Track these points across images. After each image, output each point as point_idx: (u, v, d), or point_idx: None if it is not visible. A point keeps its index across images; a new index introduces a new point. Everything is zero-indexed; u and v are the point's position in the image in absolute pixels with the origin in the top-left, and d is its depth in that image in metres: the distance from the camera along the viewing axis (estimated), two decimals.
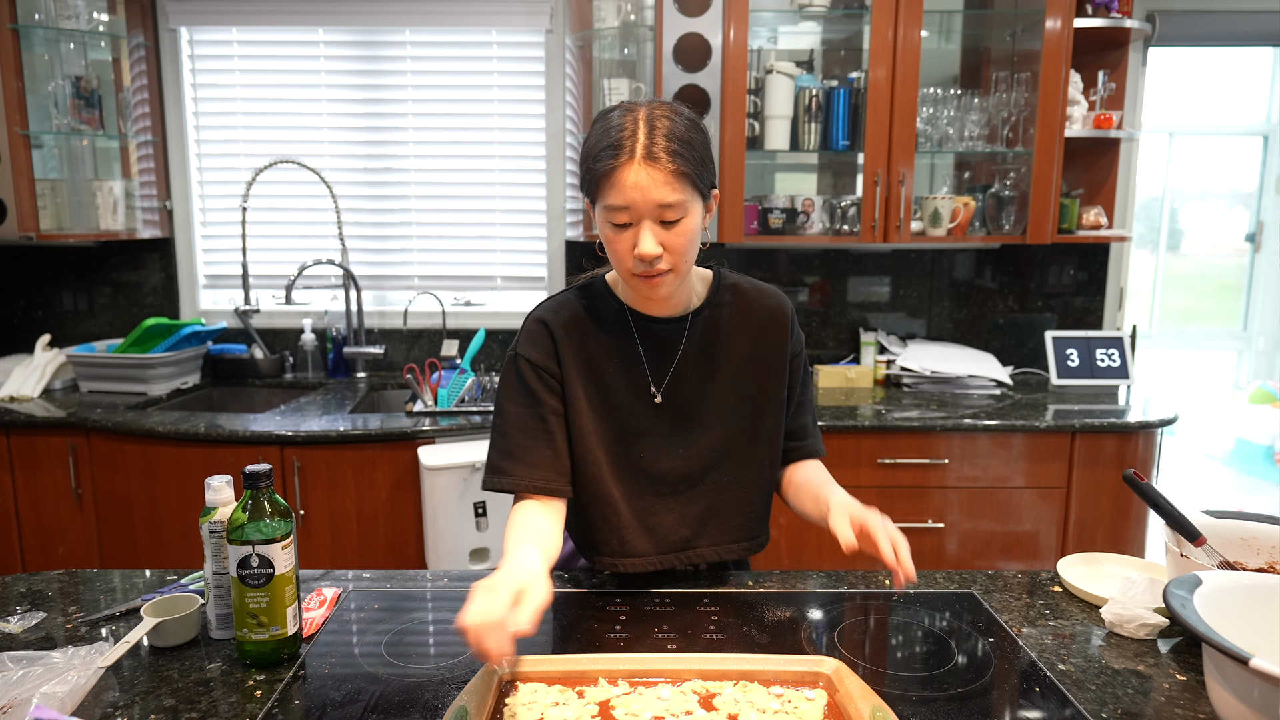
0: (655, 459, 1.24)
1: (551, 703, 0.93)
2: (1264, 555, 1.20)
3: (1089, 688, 1.00)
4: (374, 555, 2.32)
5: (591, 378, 1.23)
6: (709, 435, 1.25)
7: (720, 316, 1.26)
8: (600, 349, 1.23)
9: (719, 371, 1.25)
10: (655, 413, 1.24)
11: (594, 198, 1.13)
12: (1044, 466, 2.34)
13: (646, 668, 0.99)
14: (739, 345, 1.26)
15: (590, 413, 1.22)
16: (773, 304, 1.28)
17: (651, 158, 1.07)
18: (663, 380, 1.24)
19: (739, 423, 1.26)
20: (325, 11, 2.85)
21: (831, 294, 2.98)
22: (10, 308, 3.00)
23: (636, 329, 1.24)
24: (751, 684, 0.97)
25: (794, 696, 0.95)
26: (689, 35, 2.45)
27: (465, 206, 2.99)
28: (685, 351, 1.24)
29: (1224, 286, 3.84)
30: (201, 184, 2.99)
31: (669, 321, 1.24)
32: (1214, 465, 4.18)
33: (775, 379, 1.27)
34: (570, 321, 1.24)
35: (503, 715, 0.91)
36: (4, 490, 2.38)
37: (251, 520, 1.01)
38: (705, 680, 0.97)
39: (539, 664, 0.98)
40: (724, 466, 1.27)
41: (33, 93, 2.56)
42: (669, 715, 0.91)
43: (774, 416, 1.28)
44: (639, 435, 1.24)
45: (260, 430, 2.23)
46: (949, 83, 2.81)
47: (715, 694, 0.95)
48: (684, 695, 0.95)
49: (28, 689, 0.92)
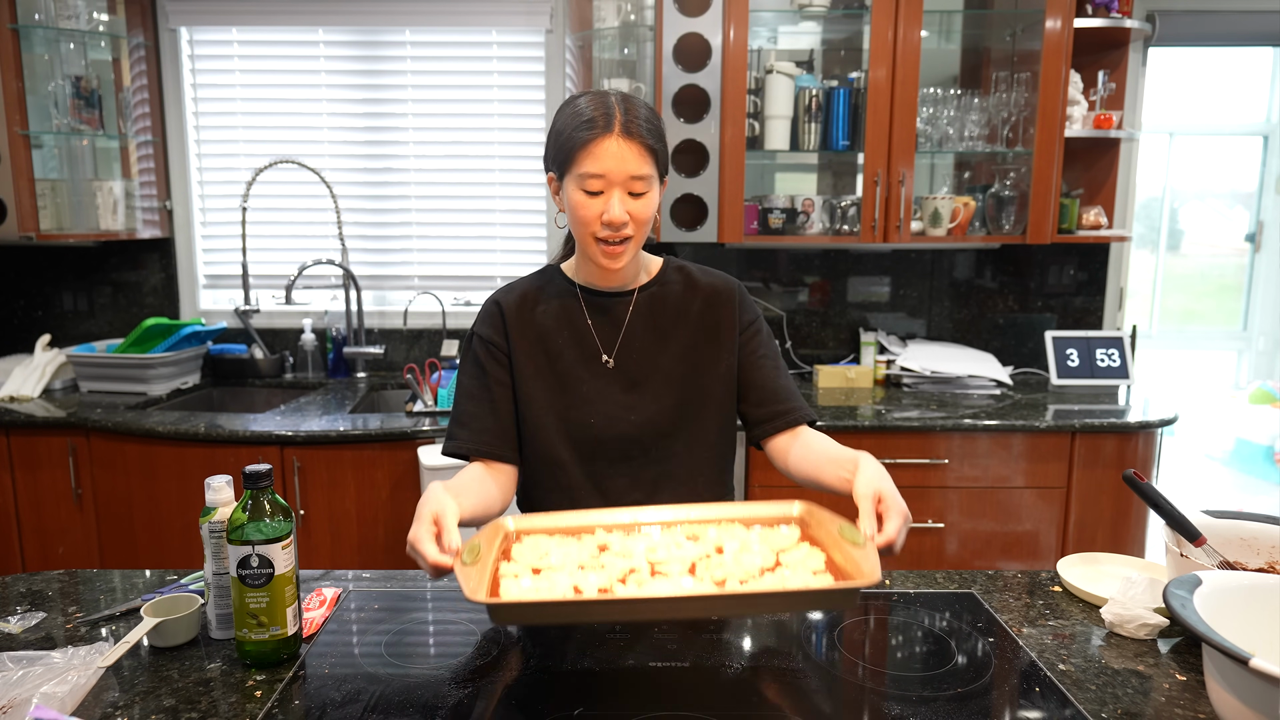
0: (606, 424, 1.29)
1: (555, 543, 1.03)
2: (1264, 555, 1.20)
3: (1089, 688, 1.00)
4: (374, 555, 2.32)
5: (541, 348, 1.31)
6: (659, 401, 1.30)
7: (666, 293, 1.34)
8: (550, 321, 1.32)
9: (666, 342, 1.32)
10: (606, 378, 1.30)
11: (567, 168, 1.21)
12: (1044, 466, 2.34)
13: (638, 520, 1.10)
14: (685, 318, 1.33)
15: (538, 379, 1.30)
16: (719, 283, 1.36)
17: (629, 133, 1.17)
18: (612, 348, 1.31)
19: (689, 390, 1.31)
20: (325, 11, 2.85)
21: (831, 294, 2.98)
22: (10, 308, 3.00)
23: (584, 302, 1.32)
24: (733, 524, 1.07)
25: (769, 531, 1.07)
26: (689, 35, 2.45)
27: (465, 206, 2.99)
28: (631, 322, 1.32)
29: (1224, 286, 3.84)
30: (201, 184, 2.99)
31: (616, 294, 1.33)
32: (1214, 465, 4.18)
33: (722, 349, 1.32)
34: (520, 299, 1.33)
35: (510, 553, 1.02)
36: (4, 490, 2.38)
37: (251, 520, 1.01)
38: (691, 525, 1.09)
39: (538, 521, 1.08)
40: (675, 433, 1.31)
41: (33, 93, 2.56)
42: (660, 548, 1.01)
43: (723, 385, 1.33)
44: (589, 401, 1.30)
45: (260, 430, 2.23)
46: (949, 83, 2.81)
47: (699, 536, 1.05)
48: (673, 536, 1.06)
49: (28, 689, 0.92)
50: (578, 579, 0.94)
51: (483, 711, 0.95)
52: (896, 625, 1.18)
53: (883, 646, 1.13)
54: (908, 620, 1.19)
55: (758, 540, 1.03)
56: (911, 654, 1.10)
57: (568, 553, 1.00)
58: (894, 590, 1.28)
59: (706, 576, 0.95)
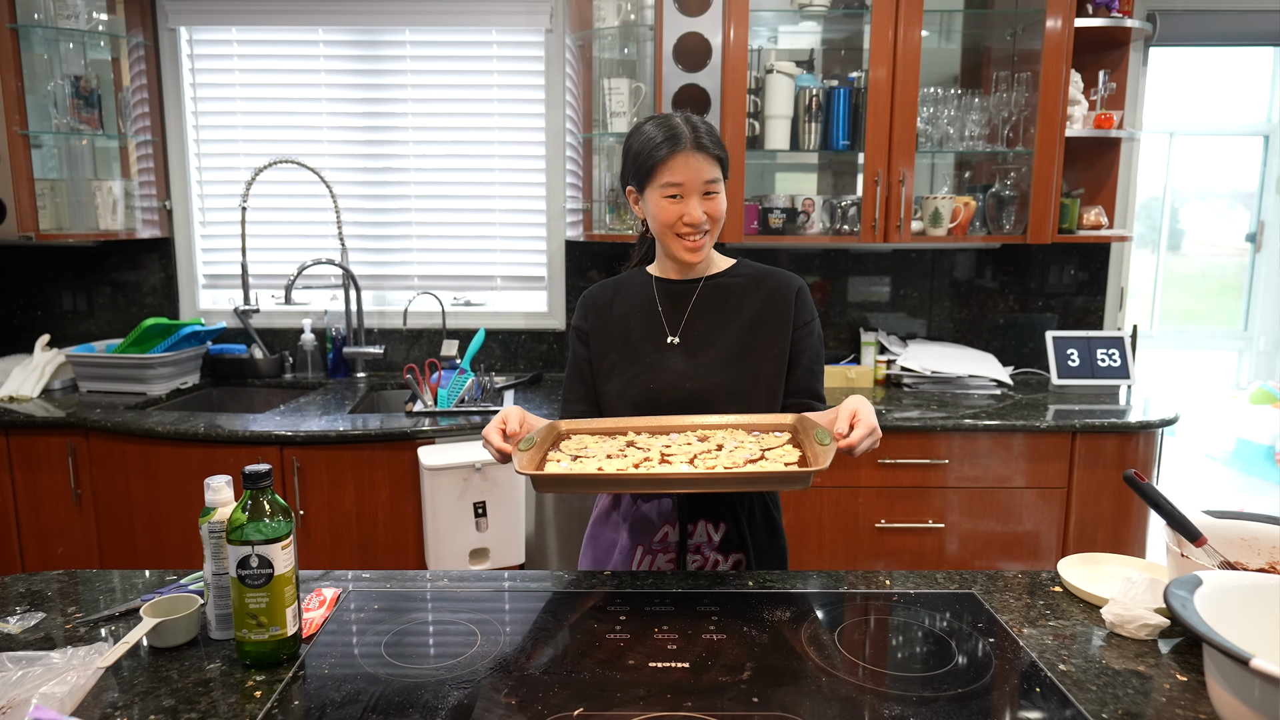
0: (665, 388, 1.46)
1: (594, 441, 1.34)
2: (1265, 555, 1.20)
3: (1089, 688, 1.00)
4: (374, 555, 2.31)
5: (618, 329, 1.52)
6: (713, 372, 1.46)
7: (732, 284, 1.51)
8: (626, 306, 1.54)
9: (727, 323, 1.49)
10: (670, 351, 1.48)
11: (647, 182, 1.42)
12: (1044, 466, 2.34)
13: (663, 424, 1.39)
14: (746, 306, 1.49)
15: (612, 352, 1.51)
16: (782, 280, 1.52)
17: (699, 146, 1.39)
18: (678, 326, 1.49)
19: (740, 366, 1.47)
20: (325, 11, 2.85)
21: (832, 294, 2.98)
22: (10, 308, 3.00)
23: (658, 290, 1.53)
24: (736, 430, 1.35)
25: (765, 436, 1.33)
26: (689, 35, 2.45)
27: (465, 206, 2.99)
28: (696, 305, 1.50)
29: (1224, 286, 3.83)
30: (201, 184, 2.99)
31: (685, 282, 1.52)
32: (1214, 465, 4.17)
33: (777, 335, 1.48)
34: (601, 291, 1.57)
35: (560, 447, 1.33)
36: (3, 490, 2.38)
37: (251, 520, 1.01)
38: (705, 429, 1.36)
39: (584, 425, 1.41)
40: (725, 402, 1.45)
41: (32, 92, 2.56)
42: (674, 444, 1.30)
43: (774, 366, 1.48)
44: (653, 369, 1.47)
45: (260, 430, 2.23)
46: (949, 83, 2.80)
47: (709, 435, 1.33)
48: (687, 436, 1.34)
49: (27, 689, 0.92)
50: (605, 465, 1.22)
51: (483, 711, 0.95)
52: (897, 625, 1.18)
53: (883, 647, 1.13)
54: (908, 620, 1.19)
55: (751, 441, 1.29)
56: (912, 654, 1.10)
57: (602, 447, 1.30)
58: (894, 590, 1.28)
59: (701, 465, 1.20)
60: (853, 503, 2.34)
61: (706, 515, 1.45)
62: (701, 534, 1.45)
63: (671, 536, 1.45)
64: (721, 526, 1.45)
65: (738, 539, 1.45)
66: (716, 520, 1.45)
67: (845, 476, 2.33)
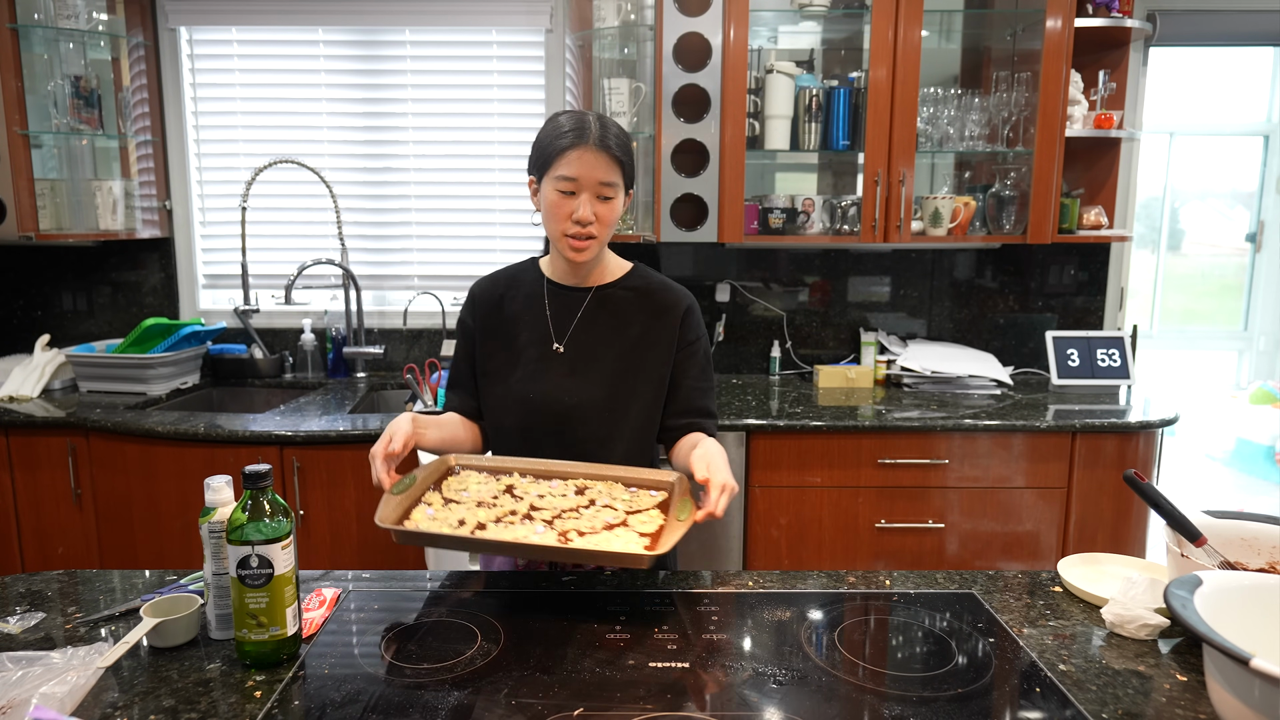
0: (545, 398, 1.46)
1: (476, 481, 1.35)
2: (1265, 555, 1.20)
3: (1089, 688, 1.00)
4: (374, 555, 2.31)
5: (504, 329, 1.50)
6: (593, 388, 1.46)
7: (623, 295, 1.49)
8: (516, 306, 1.51)
9: (611, 337, 1.47)
10: (553, 360, 1.47)
11: (545, 171, 1.38)
12: (1044, 466, 2.34)
13: (549, 469, 1.39)
14: (634, 321, 1.48)
15: (497, 355, 1.50)
16: (673, 297, 1.50)
17: (602, 145, 1.35)
18: (564, 335, 1.48)
19: (621, 384, 1.46)
20: (325, 11, 2.85)
21: (832, 294, 2.98)
22: (10, 308, 3.00)
23: (547, 293, 1.51)
24: (616, 484, 1.34)
25: (641, 494, 1.32)
26: (689, 35, 2.45)
27: (465, 206, 2.99)
28: (584, 315, 1.48)
29: (1224, 286, 3.83)
30: (201, 184, 2.99)
31: (576, 290, 1.50)
32: (1214, 465, 4.17)
33: (660, 356, 1.47)
34: (492, 286, 1.54)
35: (442, 485, 1.34)
36: (4, 490, 2.38)
37: (251, 520, 1.01)
38: (587, 479, 1.36)
39: (475, 460, 1.42)
40: (603, 419, 1.46)
41: (32, 92, 2.56)
42: (549, 495, 1.31)
43: (654, 388, 1.48)
44: (534, 377, 1.47)
45: (260, 430, 2.23)
46: (949, 83, 2.80)
47: (588, 487, 1.34)
48: (567, 486, 1.34)
49: (27, 689, 0.92)
50: (468, 514, 1.24)
51: (483, 711, 0.95)
52: (897, 625, 1.18)
53: (883, 647, 1.13)
54: (908, 620, 1.19)
55: (623, 501, 1.29)
56: (912, 654, 1.10)
57: (482, 489, 1.32)
58: (894, 590, 1.28)
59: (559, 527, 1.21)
60: (853, 503, 2.34)
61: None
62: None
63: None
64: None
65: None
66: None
67: (845, 476, 2.33)
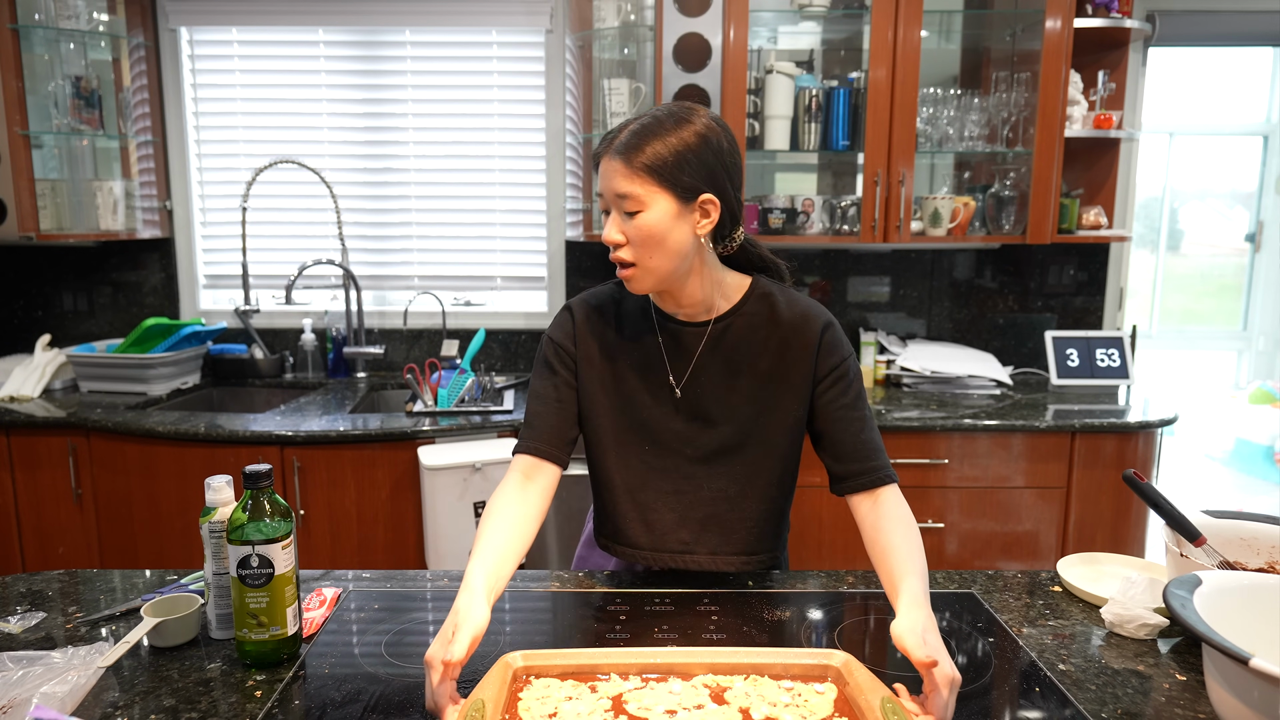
0: (660, 453, 1.26)
1: (564, 697, 0.93)
2: (1264, 555, 1.20)
3: (1089, 688, 1.00)
4: (374, 555, 2.32)
5: (608, 363, 1.26)
6: (718, 439, 1.25)
7: (743, 325, 1.25)
8: (621, 338, 1.26)
9: (737, 380, 1.24)
10: (670, 407, 1.25)
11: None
12: (1044, 466, 2.34)
13: (657, 662, 0.98)
14: (760, 356, 1.24)
15: (603, 395, 1.26)
16: (802, 320, 1.24)
17: (617, 150, 1.13)
18: (681, 378, 1.25)
19: (752, 433, 1.25)
20: (325, 11, 2.85)
21: (831, 294, 2.98)
22: (10, 308, 3.00)
23: (659, 326, 1.26)
24: (762, 678, 0.97)
25: (804, 690, 0.95)
26: (689, 35, 2.45)
27: (465, 206, 2.99)
28: (702, 355, 1.24)
29: (1224, 286, 3.84)
30: (201, 184, 2.99)
31: (690, 325, 1.25)
32: (1214, 465, 4.18)
33: (795, 397, 1.24)
34: (597, 309, 1.28)
35: (516, 710, 0.91)
36: (4, 490, 2.38)
37: (251, 520, 1.01)
38: (716, 674, 0.98)
39: (550, 658, 0.98)
40: (732, 474, 1.26)
41: (33, 93, 2.56)
42: (681, 709, 0.91)
43: (789, 436, 1.26)
44: (648, 426, 1.26)
45: (260, 430, 2.23)
46: (949, 83, 2.81)
47: (726, 688, 0.95)
48: (695, 689, 0.95)
49: (28, 689, 0.92)
50: None
51: None
52: None
53: (883, 646, 1.13)
54: None
55: (787, 708, 0.92)
56: None
57: (578, 709, 0.91)
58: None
59: None
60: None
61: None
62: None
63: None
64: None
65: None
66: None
67: None
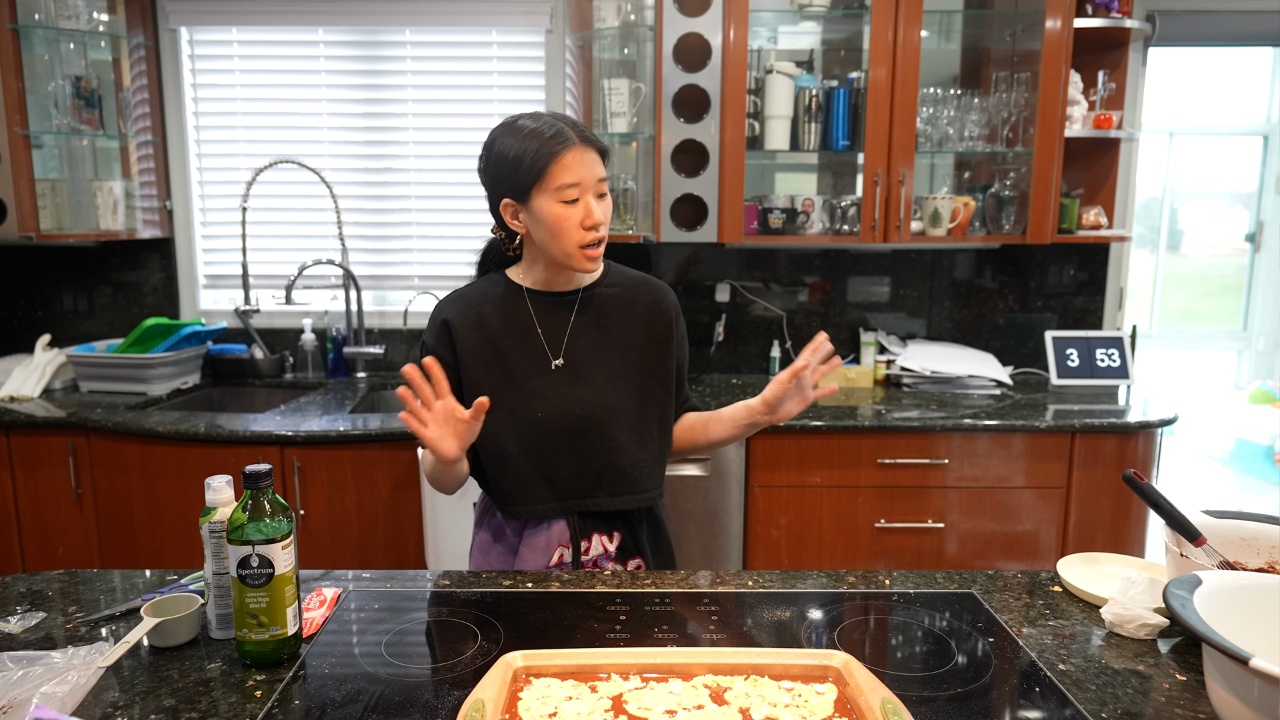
0: (555, 415, 1.37)
1: (565, 697, 0.93)
2: (1264, 555, 1.20)
3: (1089, 688, 1.00)
4: (374, 555, 2.32)
5: (490, 350, 1.38)
6: (603, 395, 1.38)
7: (609, 295, 1.42)
8: (497, 323, 1.39)
9: (610, 339, 1.40)
10: (553, 373, 1.38)
11: (536, 186, 1.27)
12: (1044, 466, 2.34)
13: (657, 662, 0.99)
14: (628, 322, 1.42)
15: (488, 379, 1.37)
16: (659, 292, 1.46)
17: (587, 141, 1.29)
18: (559, 345, 1.39)
19: (629, 387, 1.40)
20: (325, 11, 2.85)
21: (831, 294, 2.98)
22: (10, 308, 3.00)
23: (531, 303, 1.40)
24: (762, 678, 0.97)
25: (804, 690, 0.95)
26: (689, 35, 2.45)
27: (465, 206, 2.99)
28: (576, 322, 1.40)
29: (1224, 286, 3.84)
30: (201, 184, 2.99)
31: (563, 296, 1.41)
32: (1214, 465, 4.18)
33: (663, 353, 1.43)
34: (468, 301, 1.41)
35: (516, 709, 0.91)
36: (4, 490, 2.38)
37: (251, 520, 1.01)
38: (716, 675, 0.98)
39: (550, 658, 0.98)
40: (618, 425, 1.39)
41: (33, 93, 2.56)
42: (681, 709, 0.91)
43: (663, 386, 1.43)
44: (536, 395, 1.37)
45: (260, 430, 2.23)
46: (949, 83, 2.81)
47: (727, 688, 0.95)
48: (695, 690, 0.95)
49: (28, 689, 0.92)
50: None
51: None
52: (896, 625, 1.18)
53: (883, 646, 1.13)
54: (908, 620, 1.19)
55: (787, 708, 0.92)
56: (911, 654, 1.10)
57: (578, 709, 0.91)
58: (894, 590, 1.28)
59: None
60: (852, 502, 2.35)
61: (599, 529, 1.41)
62: (597, 547, 1.41)
63: (566, 557, 1.41)
64: (616, 536, 1.41)
65: (633, 545, 1.43)
66: (610, 531, 1.41)
67: (845, 476, 2.33)
